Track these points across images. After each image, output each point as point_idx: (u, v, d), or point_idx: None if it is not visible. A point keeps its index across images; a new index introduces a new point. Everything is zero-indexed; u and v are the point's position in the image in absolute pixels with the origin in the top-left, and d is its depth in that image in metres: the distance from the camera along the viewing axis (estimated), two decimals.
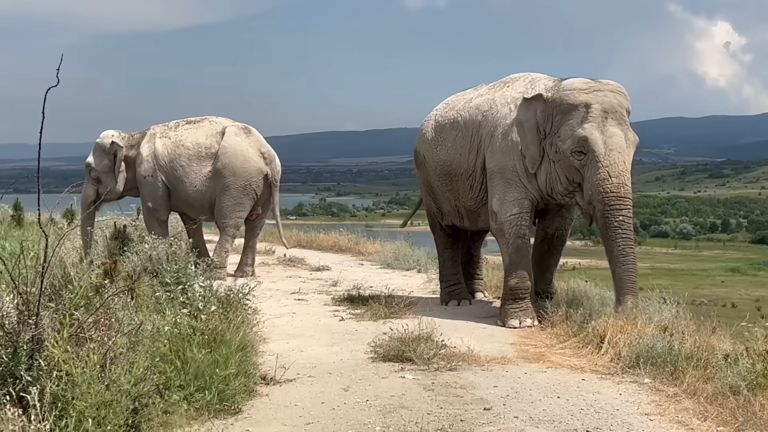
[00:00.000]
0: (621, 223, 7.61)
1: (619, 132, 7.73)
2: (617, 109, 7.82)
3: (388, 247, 15.29)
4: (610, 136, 7.68)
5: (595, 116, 7.74)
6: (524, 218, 8.34)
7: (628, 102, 8.00)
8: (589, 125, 7.71)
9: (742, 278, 68.81)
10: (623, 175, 7.64)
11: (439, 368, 6.26)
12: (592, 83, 7.97)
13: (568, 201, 8.24)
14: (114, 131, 12.84)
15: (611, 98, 7.83)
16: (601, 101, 7.79)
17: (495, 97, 8.73)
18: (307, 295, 10.40)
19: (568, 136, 7.81)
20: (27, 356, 3.87)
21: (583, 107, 7.80)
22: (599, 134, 7.68)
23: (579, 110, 7.81)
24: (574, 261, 56.92)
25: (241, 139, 12.25)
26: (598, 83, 7.97)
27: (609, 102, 7.80)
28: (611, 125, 7.74)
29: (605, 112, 7.76)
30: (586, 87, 7.91)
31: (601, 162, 7.63)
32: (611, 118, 7.76)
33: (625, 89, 8.07)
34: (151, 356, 4.59)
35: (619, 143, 7.69)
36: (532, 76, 8.72)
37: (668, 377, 5.78)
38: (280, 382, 5.81)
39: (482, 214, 8.91)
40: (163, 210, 12.51)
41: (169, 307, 6.19)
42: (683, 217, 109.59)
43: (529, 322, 8.09)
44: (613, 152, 7.64)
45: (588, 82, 8.00)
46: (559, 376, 6.10)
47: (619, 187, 7.60)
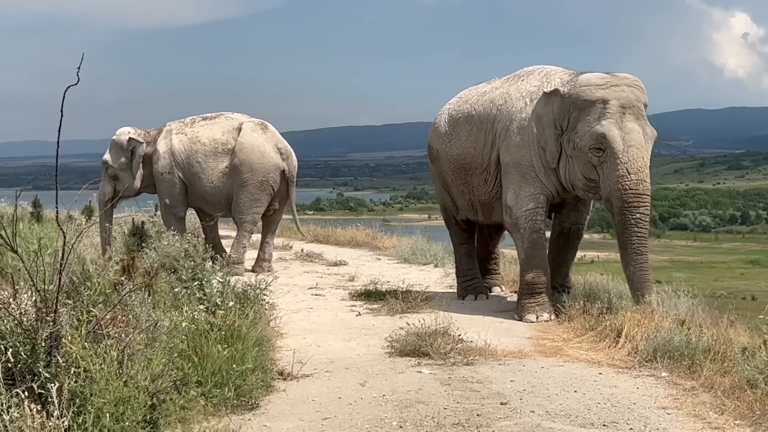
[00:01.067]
0: (638, 221, 7.58)
1: (637, 127, 7.65)
2: (635, 103, 7.73)
3: (405, 241, 15.32)
4: (629, 132, 7.61)
5: (613, 112, 7.66)
6: (540, 213, 8.31)
7: (645, 95, 7.90)
8: (607, 122, 7.64)
9: (762, 270, 68.30)
10: (642, 171, 7.57)
11: (456, 363, 6.27)
12: (609, 78, 7.87)
13: (591, 196, 8.22)
14: (130, 128, 12.89)
15: (628, 93, 7.74)
16: (619, 96, 7.70)
17: (510, 90, 8.68)
18: (324, 290, 10.43)
19: (585, 133, 7.74)
20: (45, 353, 3.90)
21: (600, 103, 7.72)
22: (617, 130, 7.60)
23: (596, 106, 7.74)
24: (592, 254, 56.79)
25: (257, 135, 12.27)
26: (614, 77, 7.88)
27: (626, 97, 7.71)
28: (629, 120, 7.66)
29: (623, 108, 7.67)
30: (603, 82, 7.83)
31: (620, 158, 7.56)
32: (629, 114, 7.68)
33: (641, 82, 7.97)
34: (169, 352, 4.61)
35: (638, 139, 7.62)
36: (547, 69, 8.67)
37: (685, 371, 5.77)
38: (298, 378, 5.83)
39: (496, 207, 8.88)
40: (181, 206, 12.54)
41: (186, 303, 6.22)
42: (702, 209, 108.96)
43: (546, 317, 8.07)
44: (632, 148, 7.57)
45: (604, 77, 7.91)
46: (576, 370, 6.09)
47: (638, 184, 7.54)
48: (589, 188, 7.97)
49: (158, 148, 12.49)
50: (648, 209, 7.66)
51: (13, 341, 3.85)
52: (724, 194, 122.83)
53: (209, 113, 12.91)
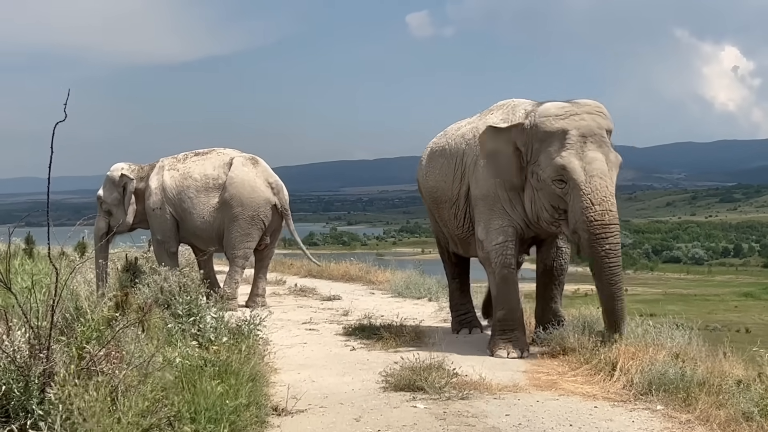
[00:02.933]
0: (608, 252, 7.39)
1: (599, 156, 7.52)
2: (596, 131, 7.59)
3: (399, 275, 15.33)
4: (590, 162, 7.47)
5: (573, 142, 7.54)
6: (509, 247, 8.19)
7: (609, 121, 7.76)
8: (567, 153, 7.52)
9: (756, 303, 68.43)
10: (607, 200, 7.40)
11: (451, 397, 6.23)
12: (569, 107, 7.76)
13: (554, 230, 8.02)
14: (124, 164, 12.98)
15: (589, 121, 7.61)
16: (578, 126, 7.58)
17: (479, 125, 8.66)
18: (318, 325, 10.40)
19: (547, 165, 7.63)
20: (38, 390, 3.88)
21: (560, 134, 7.61)
22: (578, 161, 7.47)
23: (556, 137, 7.63)
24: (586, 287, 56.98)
25: (248, 170, 12.30)
26: (574, 106, 7.76)
27: (586, 125, 7.58)
28: (590, 150, 7.52)
29: (583, 137, 7.55)
30: (562, 112, 7.72)
31: (583, 190, 7.42)
32: (590, 142, 7.55)
33: (604, 108, 7.83)
34: (162, 388, 4.59)
35: (600, 168, 7.47)
36: (515, 102, 8.60)
37: (681, 404, 5.76)
38: (292, 413, 5.79)
39: (472, 243, 8.82)
40: (172, 242, 12.55)
41: (180, 338, 6.20)
42: (695, 242, 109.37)
43: (516, 354, 7.97)
44: (594, 178, 7.43)
45: (564, 106, 7.79)
46: (572, 403, 6.07)
47: (604, 215, 7.36)
48: (555, 219, 7.79)
49: (150, 184, 12.55)
50: (617, 238, 7.44)
51: (6, 378, 3.83)
52: (716, 227, 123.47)
53: (202, 149, 12.95)
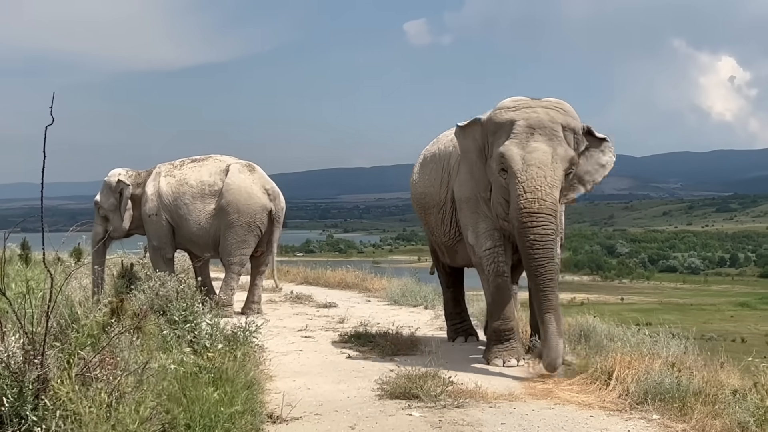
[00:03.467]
0: (533, 242, 7.23)
1: (543, 147, 7.37)
2: (546, 124, 7.45)
3: (395, 283, 15.27)
4: (531, 152, 7.35)
5: (518, 132, 7.45)
6: (500, 253, 8.09)
7: (569, 118, 7.62)
8: (509, 142, 7.45)
9: (752, 313, 68.59)
10: (540, 189, 7.23)
11: (447, 405, 6.22)
12: (525, 101, 7.71)
13: (507, 225, 7.78)
14: (122, 170, 12.99)
15: (541, 114, 7.50)
16: (527, 117, 7.50)
17: None
18: (314, 333, 10.38)
19: (494, 155, 7.60)
20: (32, 396, 3.87)
21: (508, 125, 7.55)
22: (518, 149, 7.38)
23: (505, 128, 7.57)
24: (582, 296, 57.03)
25: (244, 176, 12.29)
26: (532, 101, 7.71)
27: (537, 118, 7.48)
28: (536, 141, 7.40)
29: (531, 128, 7.45)
30: (515, 105, 7.68)
31: (518, 178, 7.30)
32: (538, 134, 7.42)
33: (567, 106, 7.72)
34: (158, 395, 4.58)
35: (540, 158, 7.32)
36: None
37: (677, 413, 5.76)
38: (287, 420, 5.78)
39: (459, 250, 8.77)
40: (168, 248, 12.53)
41: (175, 345, 6.19)
42: (691, 251, 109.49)
43: (513, 362, 7.93)
44: (532, 167, 7.29)
45: (519, 99, 7.75)
46: (567, 412, 6.06)
47: (533, 203, 7.21)
48: (506, 214, 7.66)
49: (146, 190, 12.55)
50: (546, 229, 7.24)
51: (0, 384, 3.82)
52: (712, 237, 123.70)
53: (199, 156, 12.94)
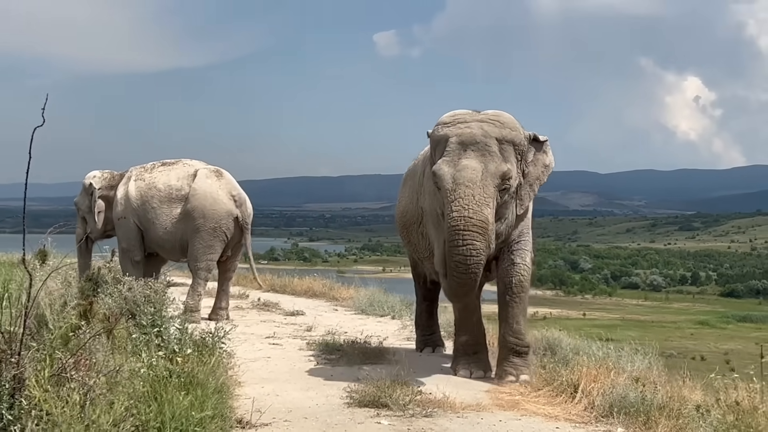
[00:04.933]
0: (457, 262, 7.16)
1: (472, 164, 7.30)
2: (479, 140, 7.38)
3: (363, 292, 15.28)
4: (460, 170, 7.29)
5: (451, 150, 7.43)
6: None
7: (505, 130, 7.50)
8: (442, 160, 7.43)
9: (711, 331, 69.39)
10: (467, 209, 7.14)
11: (415, 414, 6.28)
12: (462, 115, 7.67)
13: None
14: (98, 171, 13.16)
15: (475, 129, 7.44)
16: (460, 133, 7.46)
17: None
18: (281, 340, 10.40)
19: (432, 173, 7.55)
20: (8, 395, 3.88)
21: (443, 141, 7.54)
22: (448, 168, 7.33)
23: (441, 144, 7.57)
24: (545, 311, 57.29)
25: (211, 182, 12.31)
26: (469, 114, 7.66)
27: (469, 134, 7.41)
28: (467, 158, 7.34)
29: (463, 145, 7.40)
30: (450, 120, 7.65)
31: (448, 197, 7.24)
32: (471, 150, 7.37)
33: (505, 118, 7.64)
34: (129, 397, 4.60)
35: (469, 176, 7.24)
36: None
37: (641, 427, 5.85)
38: (257, 426, 5.81)
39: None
40: (137, 251, 12.52)
41: (144, 349, 6.20)
42: (653, 269, 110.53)
43: (480, 374, 8.00)
44: (460, 186, 7.21)
45: (457, 114, 7.72)
46: (534, 423, 6.15)
47: (459, 221, 7.12)
48: None
49: (117, 193, 12.63)
50: (470, 248, 7.12)
51: None
52: (675, 254, 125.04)
53: (170, 159, 12.96)
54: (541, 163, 7.91)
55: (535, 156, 7.85)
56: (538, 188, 8.02)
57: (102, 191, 12.83)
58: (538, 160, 7.88)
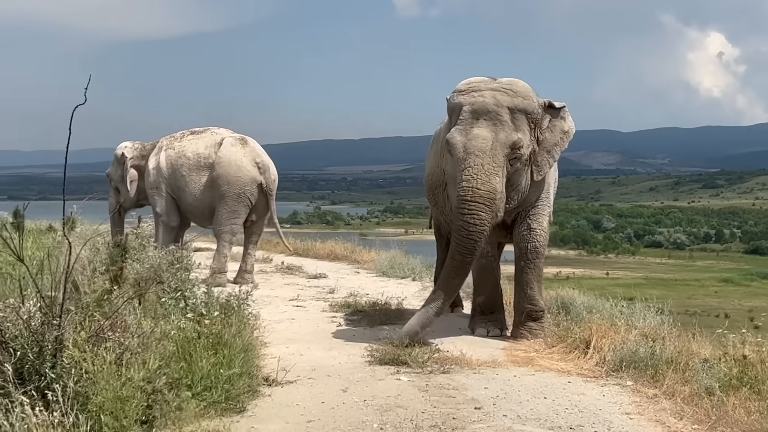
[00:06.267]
0: (460, 228, 7.34)
1: (483, 133, 7.39)
2: (491, 109, 7.45)
3: (384, 255, 15.52)
4: (471, 139, 7.39)
5: (464, 118, 7.52)
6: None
7: (517, 99, 7.56)
8: (455, 129, 7.53)
9: (736, 289, 69.11)
10: (475, 178, 7.27)
11: (433, 371, 6.55)
12: (477, 83, 7.71)
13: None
14: (129, 143, 13.73)
15: (487, 98, 7.49)
16: (473, 102, 7.52)
17: None
18: (305, 302, 10.66)
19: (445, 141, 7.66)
20: (51, 355, 4.17)
21: (457, 109, 7.62)
22: (460, 137, 7.44)
23: (455, 112, 7.65)
24: (568, 270, 57.27)
25: (236, 150, 12.59)
26: (484, 82, 7.72)
27: (482, 102, 7.48)
28: (479, 127, 7.43)
29: (475, 113, 7.48)
30: (465, 88, 7.71)
31: (459, 166, 7.38)
32: (483, 119, 7.45)
33: (519, 86, 7.69)
34: (161, 357, 4.87)
35: (479, 146, 7.34)
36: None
37: (649, 380, 6.10)
38: (282, 384, 6.08)
39: None
40: (173, 217, 12.95)
41: (173, 312, 6.48)
42: (677, 227, 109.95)
43: (497, 332, 8.24)
44: (470, 156, 7.33)
45: (472, 82, 7.76)
46: (547, 378, 6.40)
47: (467, 191, 7.27)
48: None
49: (149, 163, 13.07)
50: (475, 218, 7.27)
51: (21, 344, 4.12)
52: (698, 212, 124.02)
53: (198, 128, 13.31)
54: (559, 129, 7.99)
55: (551, 123, 7.93)
56: (558, 154, 8.10)
57: (134, 161, 13.36)
58: (555, 127, 7.96)
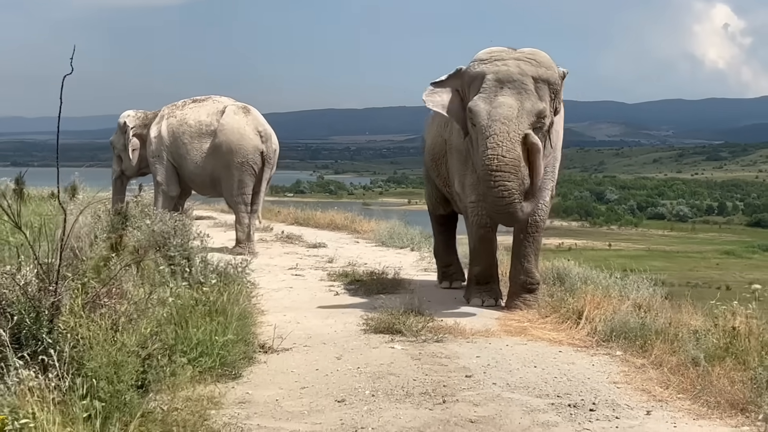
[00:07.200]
0: (493, 204, 7.41)
1: (509, 101, 7.35)
2: (516, 77, 7.42)
3: (383, 225, 15.62)
4: (497, 107, 7.33)
5: (487, 86, 7.45)
6: (483, 206, 8.01)
7: (541, 69, 7.54)
8: (478, 96, 7.46)
9: (737, 261, 69.06)
10: (501, 146, 7.22)
11: (427, 340, 6.66)
12: (498, 53, 7.68)
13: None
14: (132, 111, 13.82)
15: (511, 67, 7.47)
16: (497, 71, 7.47)
17: None
18: (303, 271, 10.75)
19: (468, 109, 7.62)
20: (48, 320, 4.24)
21: (480, 78, 7.56)
22: (484, 105, 7.38)
23: (477, 81, 7.58)
24: (570, 242, 57.28)
25: (239, 118, 12.67)
26: (506, 52, 7.68)
27: (506, 71, 7.44)
28: (504, 95, 7.38)
29: (500, 82, 7.43)
30: (487, 57, 7.66)
31: (483, 133, 7.32)
32: (507, 88, 7.41)
33: (541, 56, 7.65)
34: (158, 323, 4.95)
35: (505, 113, 7.29)
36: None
37: (638, 350, 6.19)
38: (278, 351, 6.19)
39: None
40: (173, 186, 13.05)
41: (171, 279, 6.57)
42: (680, 199, 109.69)
43: (491, 302, 8.30)
44: (496, 123, 7.27)
45: (494, 51, 7.72)
46: (538, 348, 6.50)
47: (493, 159, 7.22)
48: None
49: (150, 132, 13.18)
50: (503, 187, 7.24)
51: (18, 309, 4.20)
52: (701, 185, 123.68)
53: (200, 96, 13.38)
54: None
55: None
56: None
57: (136, 130, 13.45)
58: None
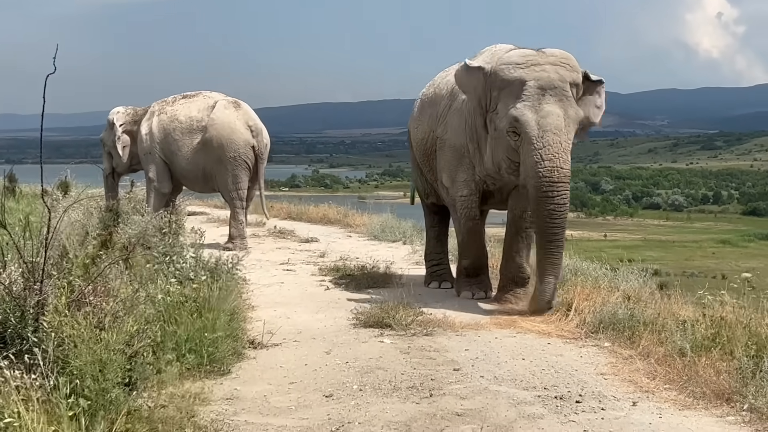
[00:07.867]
0: (551, 213, 7.20)
1: (556, 111, 7.25)
2: (556, 84, 7.31)
3: (376, 219, 15.58)
4: (545, 116, 7.21)
5: (530, 94, 7.28)
6: (474, 200, 8.23)
7: (575, 74, 7.48)
8: (522, 104, 7.27)
9: (733, 250, 69.15)
10: (558, 157, 7.17)
11: (416, 333, 6.68)
12: (532, 56, 7.47)
13: (515, 179, 7.67)
14: (121, 108, 13.75)
15: (550, 73, 7.33)
16: (538, 77, 7.30)
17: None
18: (295, 266, 10.76)
19: (503, 115, 7.41)
20: (33, 319, 4.25)
21: (518, 84, 7.34)
22: (532, 114, 7.22)
23: (514, 87, 7.36)
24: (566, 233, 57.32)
25: (229, 112, 12.66)
26: (538, 55, 7.47)
27: (547, 77, 7.30)
28: (548, 103, 7.26)
29: (542, 89, 7.28)
30: (523, 61, 7.43)
31: (534, 145, 7.19)
32: (549, 95, 7.28)
33: (572, 60, 7.54)
34: (145, 321, 4.95)
35: (555, 123, 7.21)
36: (497, 47, 8.21)
37: (626, 341, 6.22)
38: (267, 346, 6.20)
39: None
40: (165, 183, 13.01)
41: (160, 276, 6.57)
42: (675, 188, 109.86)
43: (481, 295, 8.31)
44: (548, 133, 7.17)
45: (527, 55, 7.50)
46: (527, 340, 6.52)
47: (552, 171, 7.14)
48: (513, 170, 7.57)
49: (141, 128, 13.14)
50: (564, 198, 7.24)
51: (3, 308, 4.20)
52: (696, 174, 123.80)
53: (191, 92, 13.36)
54: (593, 103, 7.87)
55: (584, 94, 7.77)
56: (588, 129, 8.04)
57: (126, 126, 13.42)
58: (589, 100, 7.83)
